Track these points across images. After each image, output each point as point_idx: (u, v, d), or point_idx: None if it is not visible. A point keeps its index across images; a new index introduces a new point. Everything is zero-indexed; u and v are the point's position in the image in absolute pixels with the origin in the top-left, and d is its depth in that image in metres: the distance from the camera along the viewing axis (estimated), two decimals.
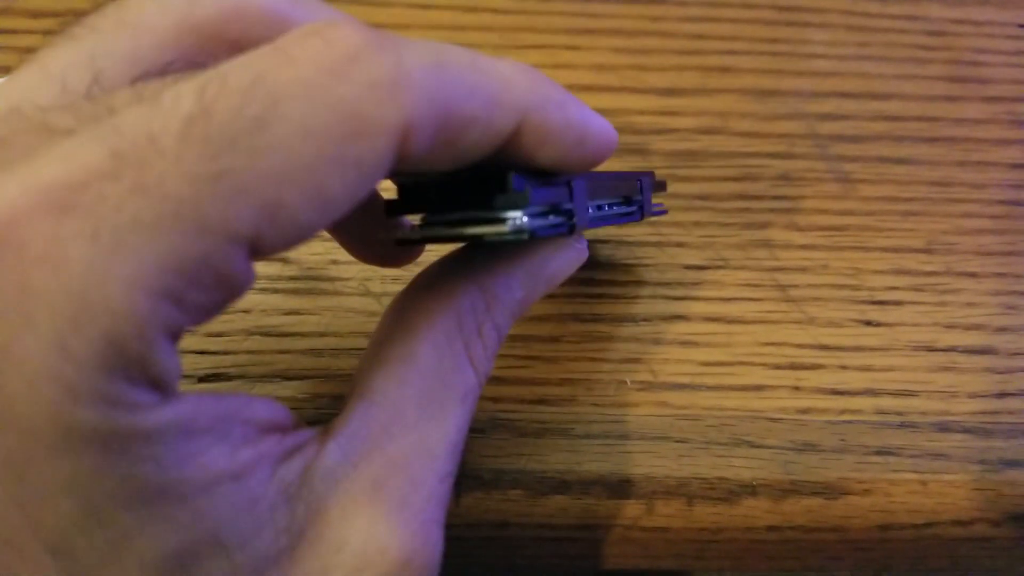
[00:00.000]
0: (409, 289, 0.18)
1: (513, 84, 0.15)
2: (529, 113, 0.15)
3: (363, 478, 0.15)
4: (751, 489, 0.22)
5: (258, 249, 0.12)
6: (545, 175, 0.17)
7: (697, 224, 0.26)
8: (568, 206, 0.17)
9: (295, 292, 0.24)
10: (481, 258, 0.18)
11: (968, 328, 0.24)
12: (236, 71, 0.12)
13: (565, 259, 0.19)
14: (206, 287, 0.12)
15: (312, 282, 0.24)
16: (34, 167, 0.11)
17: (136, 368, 0.11)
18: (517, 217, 0.15)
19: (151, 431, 0.12)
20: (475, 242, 0.17)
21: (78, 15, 0.29)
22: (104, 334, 0.11)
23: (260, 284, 0.24)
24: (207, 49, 0.16)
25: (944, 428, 0.23)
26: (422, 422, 0.16)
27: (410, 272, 0.24)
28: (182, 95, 0.12)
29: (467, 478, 0.21)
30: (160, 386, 0.12)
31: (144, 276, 0.11)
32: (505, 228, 0.15)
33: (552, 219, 0.16)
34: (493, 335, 0.18)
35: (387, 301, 0.24)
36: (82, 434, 0.11)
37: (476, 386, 0.17)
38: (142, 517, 0.12)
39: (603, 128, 0.17)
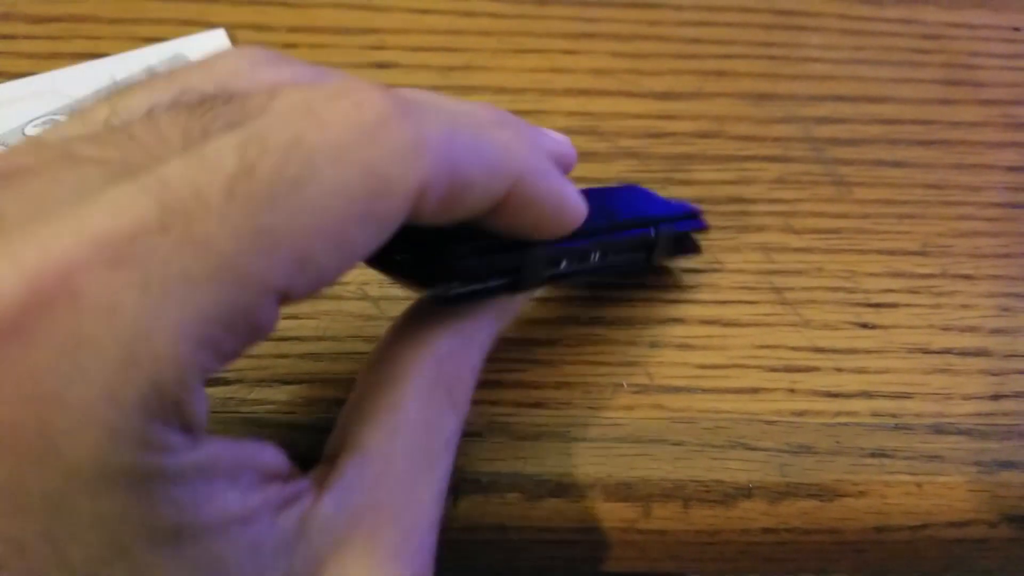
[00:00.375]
0: (390, 338, 0.18)
1: (511, 152, 0.16)
2: (519, 180, 0.16)
3: (357, 530, 0.15)
4: (747, 491, 0.22)
5: (287, 297, 0.13)
6: (505, 240, 0.17)
7: None
8: (515, 265, 0.18)
9: None
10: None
11: (963, 330, 0.25)
12: (274, 132, 0.13)
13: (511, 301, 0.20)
14: (240, 334, 0.13)
15: None
16: (84, 215, 0.12)
17: (173, 412, 0.12)
18: (448, 286, 0.17)
19: (178, 472, 0.12)
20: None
21: (78, 20, 0.30)
22: (150, 381, 0.11)
23: None
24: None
25: (939, 430, 0.23)
26: (412, 473, 0.16)
27: None
28: (224, 152, 0.12)
29: (464, 481, 0.21)
30: (191, 429, 0.13)
31: (189, 326, 0.12)
32: (430, 293, 0.17)
33: (491, 282, 0.18)
34: (470, 376, 0.18)
35: (385, 305, 0.24)
36: (118, 474, 0.12)
37: (458, 429, 0.18)
38: (162, 554, 0.12)
39: (577, 202, 0.18)
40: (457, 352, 0.18)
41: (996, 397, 0.23)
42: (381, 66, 0.29)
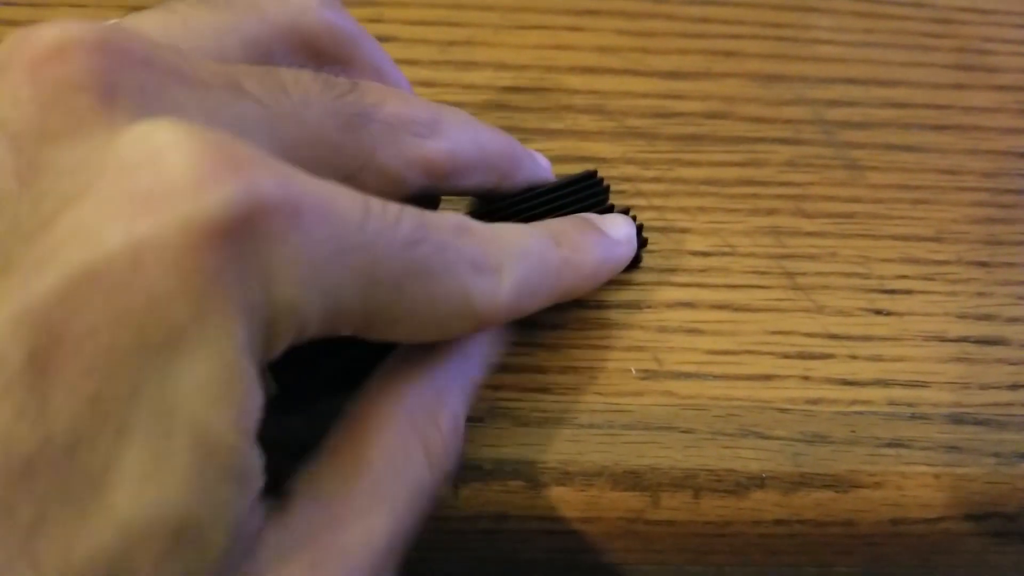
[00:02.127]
0: (367, 391, 0.18)
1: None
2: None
3: (301, 563, 0.15)
4: (759, 481, 0.21)
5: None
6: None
7: (703, 210, 0.25)
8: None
9: None
10: (425, 349, 0.18)
11: (979, 318, 0.24)
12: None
13: (496, 337, 0.20)
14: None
15: None
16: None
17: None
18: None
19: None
20: None
21: None
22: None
23: None
24: (298, 50, 0.19)
25: (957, 420, 0.22)
26: (365, 518, 0.16)
27: None
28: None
29: (466, 468, 0.20)
30: None
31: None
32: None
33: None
34: (450, 423, 0.18)
35: None
36: None
37: (433, 483, 0.17)
38: None
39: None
40: (432, 402, 0.17)
41: (1014, 387, 0.23)
42: (379, 40, 0.28)
